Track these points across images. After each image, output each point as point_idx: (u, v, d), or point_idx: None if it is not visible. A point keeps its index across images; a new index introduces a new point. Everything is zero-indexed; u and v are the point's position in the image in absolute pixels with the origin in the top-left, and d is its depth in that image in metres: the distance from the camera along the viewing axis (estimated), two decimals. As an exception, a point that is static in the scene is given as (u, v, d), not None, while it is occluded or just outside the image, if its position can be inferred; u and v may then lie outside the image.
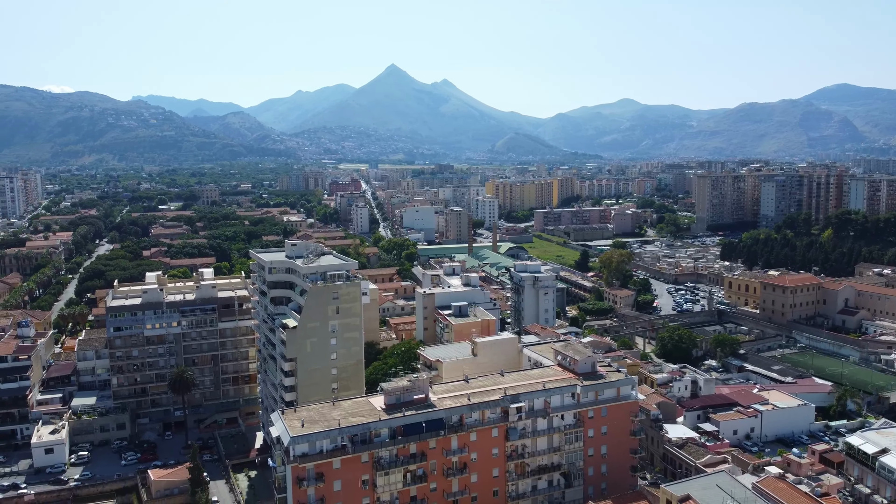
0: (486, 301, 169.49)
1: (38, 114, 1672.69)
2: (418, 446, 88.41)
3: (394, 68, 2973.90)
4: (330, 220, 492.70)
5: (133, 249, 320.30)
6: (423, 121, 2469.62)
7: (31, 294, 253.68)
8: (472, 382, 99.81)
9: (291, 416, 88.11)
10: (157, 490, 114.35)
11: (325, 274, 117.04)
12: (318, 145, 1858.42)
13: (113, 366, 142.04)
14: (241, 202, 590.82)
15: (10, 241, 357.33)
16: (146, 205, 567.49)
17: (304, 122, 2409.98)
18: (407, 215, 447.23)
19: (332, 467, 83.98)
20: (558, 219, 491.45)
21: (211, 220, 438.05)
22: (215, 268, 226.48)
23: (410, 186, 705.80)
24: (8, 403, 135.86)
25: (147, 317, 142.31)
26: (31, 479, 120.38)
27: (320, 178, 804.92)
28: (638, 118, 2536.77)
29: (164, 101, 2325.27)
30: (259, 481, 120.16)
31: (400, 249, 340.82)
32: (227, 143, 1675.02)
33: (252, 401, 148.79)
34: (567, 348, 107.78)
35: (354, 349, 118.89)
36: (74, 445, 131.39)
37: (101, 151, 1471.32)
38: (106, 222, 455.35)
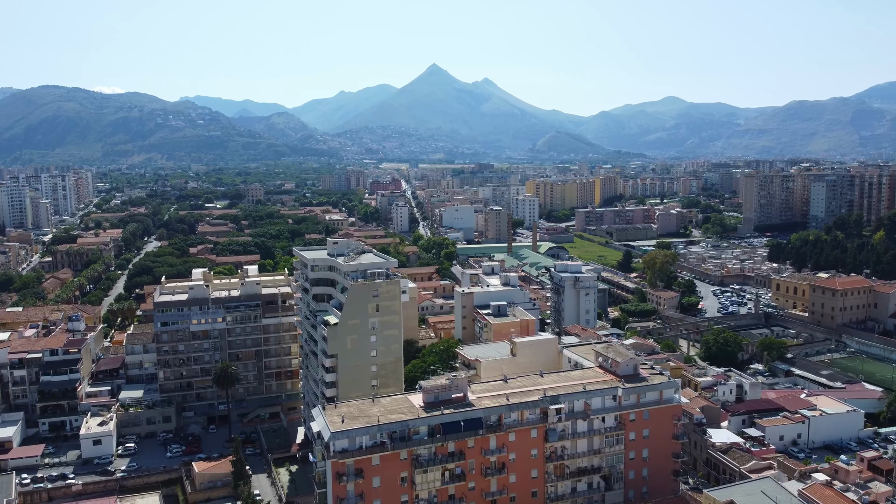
0: (526, 301, 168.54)
1: (89, 114, 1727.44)
2: (457, 445, 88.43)
3: (435, 68, 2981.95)
4: (371, 219, 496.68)
5: (180, 247, 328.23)
6: (464, 120, 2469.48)
7: (81, 289, 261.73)
8: (511, 382, 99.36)
9: (332, 412, 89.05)
10: (201, 482, 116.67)
11: (366, 272, 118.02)
12: (359, 145, 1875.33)
13: (160, 360, 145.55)
14: (284, 201, 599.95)
15: (62, 238, 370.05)
16: (193, 203, 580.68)
17: (347, 122, 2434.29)
18: (446, 214, 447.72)
19: (371, 464, 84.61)
20: (600, 218, 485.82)
21: (256, 218, 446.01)
22: (259, 265, 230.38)
23: (450, 186, 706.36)
24: (58, 395, 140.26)
25: (193, 312, 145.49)
26: (79, 470, 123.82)
27: (362, 177, 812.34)
28: (683, 116, 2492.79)
29: (211, 101, 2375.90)
30: (300, 476, 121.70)
31: (439, 248, 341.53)
32: (272, 143, 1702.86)
33: (294, 396, 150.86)
34: (608, 350, 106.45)
35: (394, 346, 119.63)
36: (122, 437, 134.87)
37: (150, 151, 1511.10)
38: (154, 220, 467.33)
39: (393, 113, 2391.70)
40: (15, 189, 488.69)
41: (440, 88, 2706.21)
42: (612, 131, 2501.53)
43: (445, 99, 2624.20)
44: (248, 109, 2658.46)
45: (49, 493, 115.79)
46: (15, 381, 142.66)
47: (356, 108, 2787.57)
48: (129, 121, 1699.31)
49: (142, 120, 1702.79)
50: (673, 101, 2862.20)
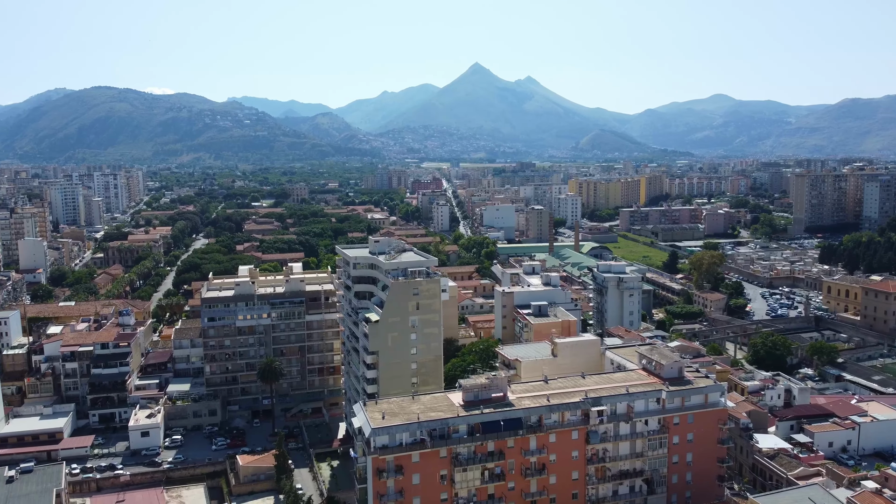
0: (567, 301, 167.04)
1: (140, 114, 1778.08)
2: (496, 444, 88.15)
3: (477, 67, 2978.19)
4: (412, 218, 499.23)
5: (227, 244, 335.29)
6: (506, 119, 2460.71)
7: (132, 285, 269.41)
8: (552, 383, 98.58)
9: (373, 408, 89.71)
10: (245, 475, 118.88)
11: (407, 270, 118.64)
12: (401, 145, 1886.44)
13: (206, 354, 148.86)
14: (328, 200, 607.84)
15: (114, 235, 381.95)
16: (240, 202, 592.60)
17: (389, 122, 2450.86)
18: (487, 213, 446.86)
19: (411, 460, 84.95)
20: (645, 218, 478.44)
21: (300, 217, 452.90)
22: (303, 262, 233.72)
23: (491, 185, 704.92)
24: (108, 388, 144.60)
25: (239, 308, 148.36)
26: (127, 461, 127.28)
27: (403, 176, 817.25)
28: (732, 114, 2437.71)
29: (258, 102, 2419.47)
30: (341, 471, 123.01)
31: (479, 247, 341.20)
32: (316, 143, 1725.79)
33: (336, 392, 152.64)
34: (652, 352, 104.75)
35: (434, 345, 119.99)
36: (169, 429, 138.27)
37: (199, 150, 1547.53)
38: (202, 218, 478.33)
39: (435, 112, 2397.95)
40: (69, 187, 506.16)
41: (482, 87, 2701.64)
42: (657, 129, 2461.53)
43: (487, 98, 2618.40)
44: (293, 110, 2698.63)
45: (98, 483, 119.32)
46: (67, 374, 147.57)
47: (398, 107, 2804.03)
48: (178, 121, 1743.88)
49: (191, 120, 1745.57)
50: (721, 98, 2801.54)
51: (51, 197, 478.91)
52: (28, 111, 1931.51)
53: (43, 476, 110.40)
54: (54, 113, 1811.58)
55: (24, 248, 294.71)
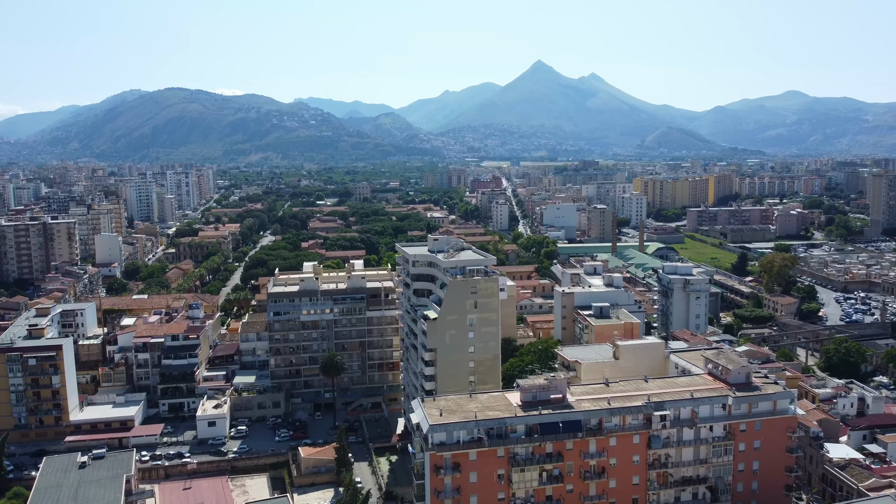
0: (630, 303, 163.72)
1: (211, 115, 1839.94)
2: (555, 446, 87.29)
3: (540, 64, 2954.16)
4: (471, 217, 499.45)
5: (292, 241, 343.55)
6: (569, 116, 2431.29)
7: (202, 279, 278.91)
8: (613, 386, 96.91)
9: (431, 405, 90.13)
10: (307, 467, 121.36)
11: (465, 268, 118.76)
12: (461, 144, 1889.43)
13: (271, 348, 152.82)
14: (389, 199, 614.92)
15: (185, 231, 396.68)
16: (305, 200, 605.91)
17: (450, 121, 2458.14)
18: (547, 212, 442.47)
19: (468, 458, 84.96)
20: (714, 218, 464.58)
21: (362, 215, 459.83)
22: (365, 260, 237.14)
23: (552, 183, 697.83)
24: (178, 378, 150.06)
25: (303, 303, 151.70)
26: (194, 449, 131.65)
27: (463, 175, 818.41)
28: (805, 111, 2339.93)
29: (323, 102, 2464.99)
30: (399, 466, 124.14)
31: (539, 247, 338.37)
32: (379, 142, 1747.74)
33: (395, 387, 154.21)
34: (719, 357, 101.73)
35: (491, 343, 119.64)
36: (234, 420, 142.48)
37: (266, 150, 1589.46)
38: (269, 216, 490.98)
39: (496, 111, 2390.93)
40: (143, 185, 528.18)
41: (545, 85, 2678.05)
42: (727, 127, 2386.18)
43: (550, 95, 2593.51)
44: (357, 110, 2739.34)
45: (166, 470, 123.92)
46: (139, 364, 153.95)
47: (460, 106, 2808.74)
48: (247, 121, 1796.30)
49: (259, 120, 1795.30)
50: (794, 95, 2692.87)
51: (126, 194, 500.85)
52: (105, 111, 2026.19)
53: (114, 462, 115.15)
54: (130, 113, 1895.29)
55: (100, 243, 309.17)
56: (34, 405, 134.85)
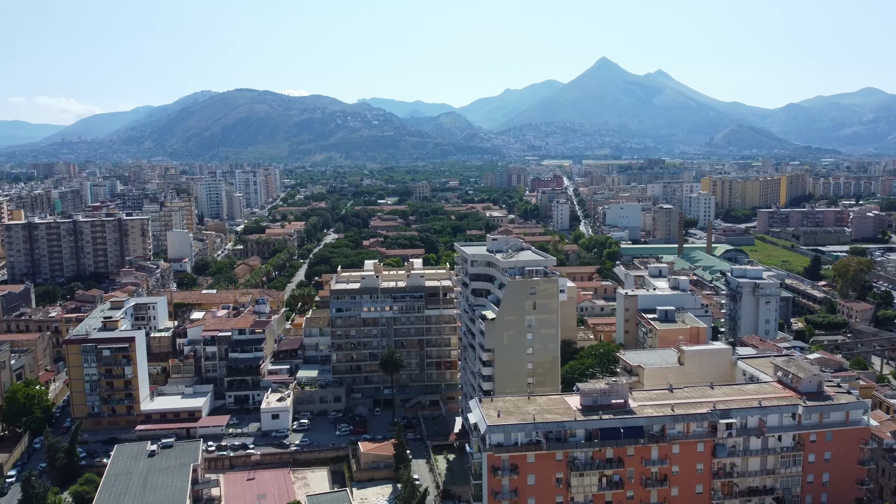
0: (697, 307, 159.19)
1: (278, 115, 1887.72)
2: (615, 451, 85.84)
3: (604, 61, 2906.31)
4: (530, 217, 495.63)
5: (354, 239, 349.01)
6: (633, 114, 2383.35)
7: (268, 275, 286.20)
8: (677, 392, 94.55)
9: (488, 405, 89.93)
10: (366, 462, 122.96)
11: (524, 269, 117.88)
12: (522, 142, 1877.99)
13: (333, 343, 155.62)
14: (448, 198, 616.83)
15: (253, 229, 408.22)
16: (367, 199, 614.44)
17: (511, 119, 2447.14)
18: (610, 212, 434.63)
19: (526, 461, 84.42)
20: (785, 220, 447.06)
21: (422, 214, 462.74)
22: (424, 259, 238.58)
23: (615, 182, 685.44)
24: (244, 371, 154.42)
25: (364, 301, 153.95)
26: (258, 441, 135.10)
27: (523, 174, 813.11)
28: (883, 109, 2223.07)
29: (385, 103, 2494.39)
30: (457, 465, 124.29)
31: (601, 247, 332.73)
32: (439, 142, 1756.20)
33: (453, 386, 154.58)
34: (789, 364, 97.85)
35: (550, 345, 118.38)
36: (297, 413, 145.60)
37: (330, 150, 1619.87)
38: (332, 214, 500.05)
39: (558, 109, 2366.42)
40: (213, 183, 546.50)
41: (609, 82, 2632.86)
42: (800, 125, 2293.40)
43: (614, 92, 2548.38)
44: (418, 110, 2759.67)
45: (231, 461, 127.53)
46: (207, 356, 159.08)
47: (521, 105, 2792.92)
48: (312, 122, 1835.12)
49: (324, 121, 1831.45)
50: (871, 92, 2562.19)
51: (197, 192, 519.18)
52: (177, 112, 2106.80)
53: (182, 451, 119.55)
54: (200, 114, 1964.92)
55: (172, 239, 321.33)
56: (107, 394, 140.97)
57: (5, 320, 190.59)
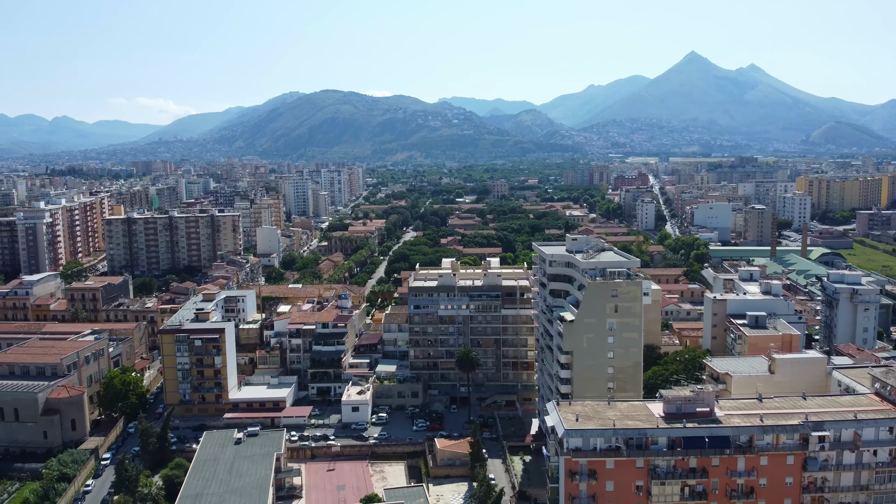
0: (790, 313, 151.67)
1: (361, 115, 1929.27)
2: (699, 461, 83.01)
3: (693, 55, 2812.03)
4: (613, 216, 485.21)
5: (432, 237, 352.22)
6: (724, 109, 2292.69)
7: (350, 271, 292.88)
8: (766, 402, 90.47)
9: (566, 409, 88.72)
10: (442, 459, 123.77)
11: (605, 270, 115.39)
12: (605, 139, 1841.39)
13: (411, 339, 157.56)
14: (527, 196, 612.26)
15: (337, 226, 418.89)
16: (445, 197, 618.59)
17: (594, 116, 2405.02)
18: (698, 212, 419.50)
19: (605, 466, 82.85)
20: (887, 222, 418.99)
21: (499, 212, 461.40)
22: (501, 258, 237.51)
23: (704, 181, 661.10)
24: (326, 364, 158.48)
25: (441, 298, 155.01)
26: (338, 433, 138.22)
27: (605, 172, 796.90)
28: None
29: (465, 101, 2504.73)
30: (533, 467, 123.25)
31: (688, 249, 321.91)
32: (519, 139, 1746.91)
33: (529, 387, 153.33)
34: (888, 375, 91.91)
35: (632, 350, 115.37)
36: (376, 407, 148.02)
37: (411, 149, 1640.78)
38: (412, 212, 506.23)
39: (644, 104, 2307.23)
40: (300, 182, 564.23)
41: (698, 77, 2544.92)
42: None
43: (704, 87, 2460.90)
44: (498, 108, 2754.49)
45: (312, 451, 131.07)
46: (292, 349, 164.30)
47: (605, 101, 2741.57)
48: (394, 122, 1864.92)
49: (405, 121, 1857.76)
50: None
51: (285, 190, 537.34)
52: (267, 112, 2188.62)
53: (266, 440, 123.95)
54: (289, 114, 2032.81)
55: (261, 235, 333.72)
56: (198, 383, 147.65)
57: (105, 310, 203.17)
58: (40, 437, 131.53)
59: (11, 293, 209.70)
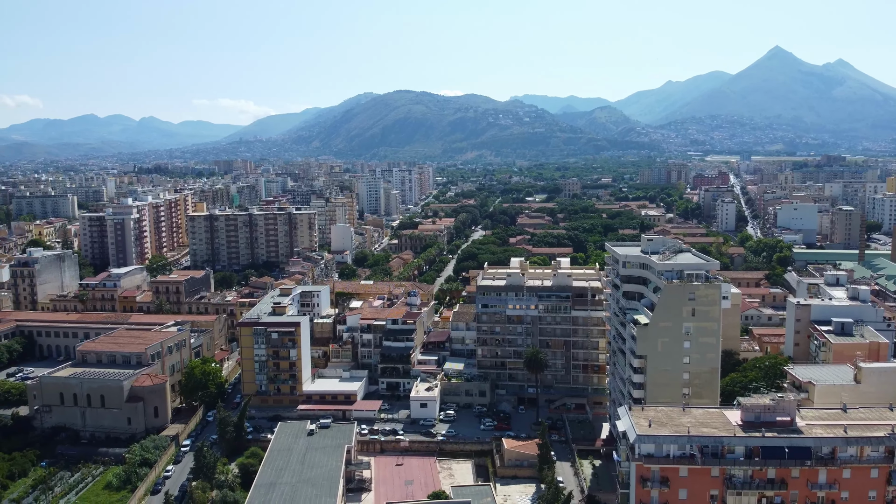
0: (878, 320, 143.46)
1: (433, 115, 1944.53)
2: (778, 472, 79.69)
3: (777, 50, 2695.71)
4: (691, 216, 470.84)
5: (501, 236, 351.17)
6: (810, 106, 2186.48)
7: (419, 269, 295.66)
8: (851, 413, 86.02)
9: (638, 414, 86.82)
10: (509, 459, 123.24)
11: (682, 272, 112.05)
12: (684, 137, 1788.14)
13: (479, 338, 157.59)
14: (600, 195, 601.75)
15: (407, 224, 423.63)
16: (515, 196, 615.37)
17: (671, 113, 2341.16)
18: (782, 213, 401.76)
19: (678, 474, 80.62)
20: None
21: (571, 212, 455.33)
22: (571, 258, 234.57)
23: (789, 181, 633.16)
24: (396, 359, 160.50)
25: (509, 298, 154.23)
26: (406, 428, 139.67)
27: (684, 171, 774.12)
28: None
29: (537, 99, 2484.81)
30: (603, 471, 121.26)
31: (770, 251, 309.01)
32: (592, 137, 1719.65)
33: (600, 391, 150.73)
34: None
35: (709, 355, 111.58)
36: (443, 404, 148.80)
37: (481, 148, 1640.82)
38: (481, 211, 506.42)
39: (724, 101, 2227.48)
40: (372, 181, 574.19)
41: (782, 72, 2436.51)
42: None
43: (788, 83, 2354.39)
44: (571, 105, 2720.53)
45: (381, 445, 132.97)
46: (363, 344, 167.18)
47: (683, 97, 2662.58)
48: (465, 121, 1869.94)
49: (476, 119, 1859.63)
50: None
51: (358, 189, 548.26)
52: (342, 113, 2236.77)
53: (338, 433, 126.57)
54: (363, 115, 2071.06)
55: (335, 232, 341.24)
56: (274, 374, 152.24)
57: (187, 302, 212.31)
58: (124, 423, 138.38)
59: (100, 285, 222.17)
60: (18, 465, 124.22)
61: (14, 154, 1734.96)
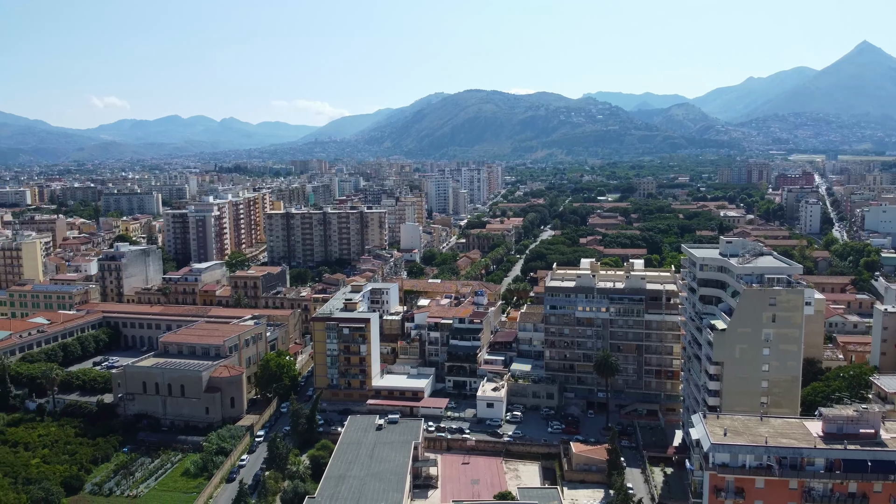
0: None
1: (503, 114, 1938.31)
2: (859, 486, 76.10)
3: (866, 45, 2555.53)
4: (773, 217, 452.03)
5: (571, 236, 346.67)
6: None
7: (486, 269, 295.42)
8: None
9: (713, 422, 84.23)
10: (578, 463, 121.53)
11: (763, 276, 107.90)
12: (766, 135, 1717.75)
13: (546, 339, 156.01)
14: (676, 195, 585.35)
15: (475, 223, 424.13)
16: (586, 196, 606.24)
17: (753, 110, 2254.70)
18: (870, 215, 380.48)
19: (754, 485, 77.80)
20: None
21: (645, 212, 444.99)
22: (645, 259, 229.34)
23: (878, 182, 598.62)
24: (462, 358, 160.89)
25: (579, 300, 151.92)
26: (473, 427, 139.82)
27: (765, 170, 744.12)
28: None
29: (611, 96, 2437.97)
30: (674, 480, 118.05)
31: (857, 256, 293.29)
32: (669, 135, 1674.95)
33: (674, 397, 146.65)
34: None
35: (790, 364, 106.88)
36: (510, 405, 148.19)
37: (552, 146, 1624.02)
38: (550, 210, 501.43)
39: (809, 98, 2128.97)
40: (441, 180, 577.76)
41: (871, 68, 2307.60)
42: None
43: (877, 80, 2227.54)
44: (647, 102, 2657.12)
45: (448, 443, 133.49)
46: (430, 342, 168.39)
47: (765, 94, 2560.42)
48: (535, 119, 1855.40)
49: (546, 118, 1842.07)
50: None
51: (427, 188, 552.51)
52: (413, 114, 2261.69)
53: (405, 429, 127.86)
54: (433, 115, 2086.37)
55: (405, 231, 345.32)
56: (344, 369, 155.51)
57: (264, 297, 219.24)
58: (202, 413, 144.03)
59: (182, 279, 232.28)
60: (102, 451, 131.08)
61: (103, 153, 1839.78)
